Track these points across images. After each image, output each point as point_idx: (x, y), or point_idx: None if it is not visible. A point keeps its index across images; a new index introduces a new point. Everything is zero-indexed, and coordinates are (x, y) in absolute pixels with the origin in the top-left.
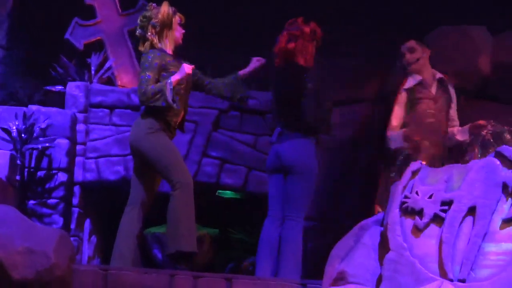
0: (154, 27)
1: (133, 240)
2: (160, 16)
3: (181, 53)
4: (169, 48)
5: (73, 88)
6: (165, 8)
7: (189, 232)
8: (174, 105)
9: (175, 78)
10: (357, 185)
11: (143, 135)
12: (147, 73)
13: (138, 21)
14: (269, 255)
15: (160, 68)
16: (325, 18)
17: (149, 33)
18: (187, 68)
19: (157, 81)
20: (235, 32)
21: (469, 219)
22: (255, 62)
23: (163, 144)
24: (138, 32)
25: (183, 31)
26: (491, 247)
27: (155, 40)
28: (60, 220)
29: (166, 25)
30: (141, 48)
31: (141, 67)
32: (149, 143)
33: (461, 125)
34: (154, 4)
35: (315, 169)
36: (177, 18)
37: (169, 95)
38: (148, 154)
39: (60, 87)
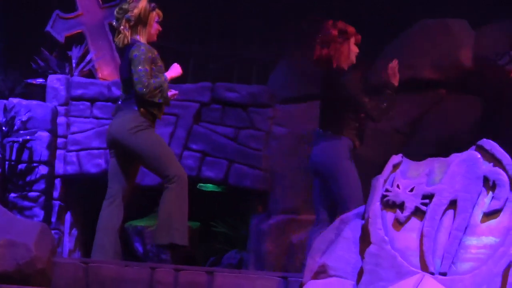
0: (128, 21)
1: (114, 234)
2: (136, 10)
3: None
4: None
5: (54, 81)
6: (143, 4)
7: (182, 225)
8: (167, 101)
9: (170, 75)
10: None
11: (134, 132)
12: (146, 67)
13: (115, 12)
14: None
15: (151, 62)
16: (305, 13)
17: (122, 27)
18: (179, 68)
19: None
20: (214, 24)
21: (450, 212)
22: (175, 66)
23: (156, 140)
24: (114, 23)
25: (160, 29)
26: (472, 241)
27: (127, 34)
28: (41, 213)
29: (141, 21)
30: (115, 40)
31: (135, 59)
32: (142, 140)
33: (440, 117)
34: None
35: (337, 169)
36: (154, 15)
37: (166, 94)
38: (141, 151)
39: (41, 80)
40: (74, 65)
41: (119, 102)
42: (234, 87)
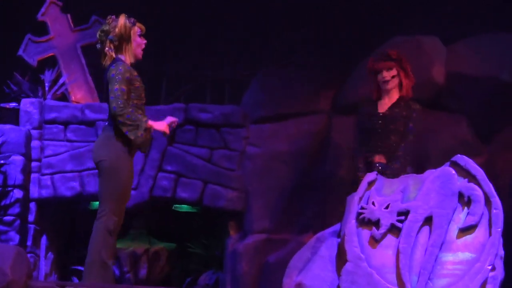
0: (111, 41)
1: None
2: (117, 30)
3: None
4: (128, 61)
5: (27, 105)
6: (121, 21)
7: None
8: (138, 140)
9: (154, 126)
10: (312, 196)
11: (121, 155)
12: (122, 86)
13: (97, 35)
14: None
15: (129, 82)
16: (278, 30)
17: (106, 48)
18: (168, 128)
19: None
20: (186, 45)
21: (426, 229)
22: (168, 120)
23: (128, 175)
24: (97, 46)
25: (144, 41)
26: (448, 257)
27: (113, 55)
28: (17, 237)
29: (123, 39)
30: (102, 62)
31: (112, 78)
32: (120, 174)
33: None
34: (113, 16)
35: None
36: (136, 29)
37: (140, 134)
38: (111, 174)
39: (14, 104)
40: (47, 88)
41: (106, 124)
42: (207, 108)
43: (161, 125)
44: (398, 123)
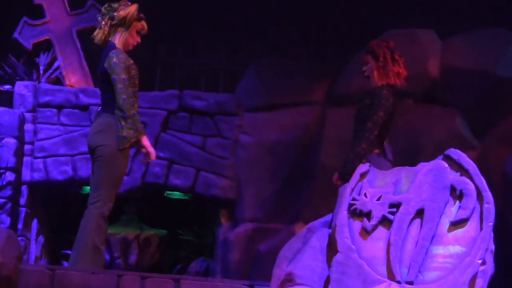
0: (111, 19)
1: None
2: (122, 12)
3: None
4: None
5: (21, 88)
6: (131, 9)
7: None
8: (121, 146)
9: (144, 142)
10: (304, 187)
11: (121, 148)
12: (127, 76)
13: (103, 8)
14: None
15: (127, 70)
16: (274, 20)
17: (103, 22)
18: (152, 156)
19: None
20: (181, 33)
21: (417, 221)
22: (147, 154)
23: (126, 162)
24: (98, 16)
25: (139, 40)
26: (438, 250)
27: (106, 31)
28: (7, 220)
29: (123, 24)
30: (94, 33)
31: (116, 67)
32: (119, 161)
33: (407, 128)
34: (128, 2)
35: None
36: (138, 25)
37: (125, 135)
38: (110, 160)
39: (8, 87)
40: (41, 72)
41: (99, 109)
42: (202, 95)
43: (151, 148)
44: (363, 112)
